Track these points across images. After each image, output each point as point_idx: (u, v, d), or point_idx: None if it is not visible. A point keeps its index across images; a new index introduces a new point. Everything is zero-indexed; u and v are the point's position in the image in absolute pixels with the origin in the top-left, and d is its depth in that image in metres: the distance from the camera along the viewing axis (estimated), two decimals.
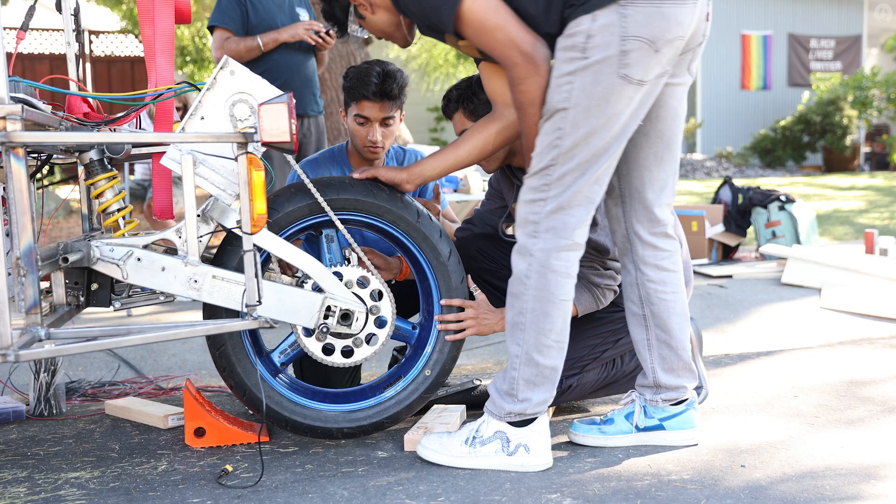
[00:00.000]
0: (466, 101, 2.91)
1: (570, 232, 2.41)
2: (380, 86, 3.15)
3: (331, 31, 4.59)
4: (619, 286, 2.88)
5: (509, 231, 3.20)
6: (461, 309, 2.78)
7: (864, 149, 17.69)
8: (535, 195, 2.42)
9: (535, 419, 2.48)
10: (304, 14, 4.72)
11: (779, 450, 2.57)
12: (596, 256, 2.80)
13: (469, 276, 3.02)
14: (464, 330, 2.79)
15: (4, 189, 2.25)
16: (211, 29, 4.63)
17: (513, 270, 2.47)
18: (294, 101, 2.48)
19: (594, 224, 2.78)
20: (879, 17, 18.37)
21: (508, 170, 3.04)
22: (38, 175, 2.70)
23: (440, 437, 2.54)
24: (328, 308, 2.57)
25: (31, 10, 2.64)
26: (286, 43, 4.55)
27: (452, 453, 2.49)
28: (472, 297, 2.85)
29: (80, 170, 2.74)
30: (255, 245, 2.42)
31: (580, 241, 2.44)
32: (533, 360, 2.45)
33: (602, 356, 2.91)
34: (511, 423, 2.47)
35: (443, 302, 2.76)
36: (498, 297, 3.08)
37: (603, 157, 2.40)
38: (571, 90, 2.34)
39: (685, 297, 2.69)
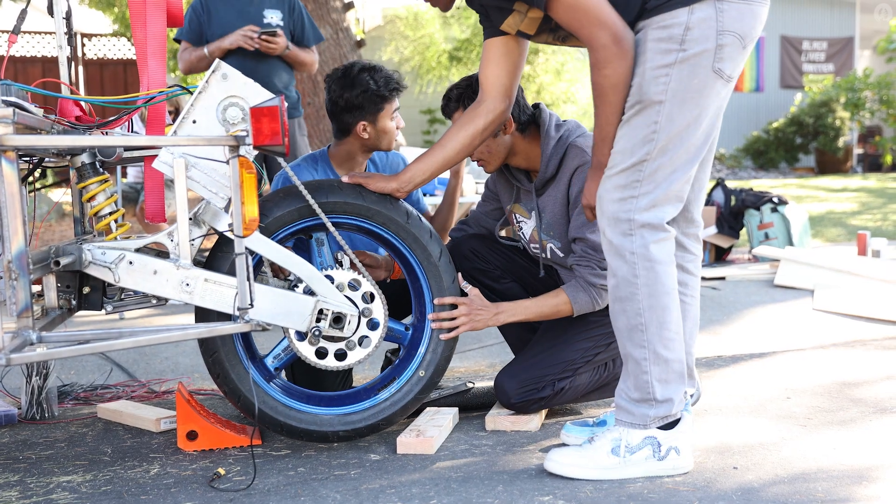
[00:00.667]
0: (467, 99, 2.90)
1: (662, 223, 2.37)
2: (397, 79, 3.23)
3: (265, 35, 4.49)
4: None
5: (503, 233, 3.20)
6: (455, 307, 2.78)
7: (857, 150, 17.73)
8: (625, 193, 2.36)
9: (679, 419, 2.44)
10: (272, 15, 4.66)
11: (771, 451, 2.58)
12: (592, 255, 2.80)
13: (461, 274, 3.03)
14: (458, 327, 2.78)
15: None
16: (178, 41, 4.76)
17: (613, 273, 2.40)
18: None
19: (592, 225, 2.78)
20: (879, 18, 18.39)
21: (507, 170, 3.04)
22: (30, 178, 2.70)
23: (578, 451, 2.42)
24: (320, 311, 2.57)
25: (23, 13, 2.64)
26: (242, 49, 4.54)
27: (601, 465, 2.38)
28: (464, 295, 2.85)
29: (72, 173, 2.73)
30: (246, 248, 2.42)
31: (672, 231, 2.41)
32: (660, 357, 2.38)
33: (594, 359, 2.91)
34: (658, 427, 2.41)
35: (436, 301, 2.76)
36: (490, 297, 3.09)
37: (695, 153, 2.39)
38: (668, 82, 2.32)
39: (699, 305, 2.69)
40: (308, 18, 4.81)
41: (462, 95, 2.92)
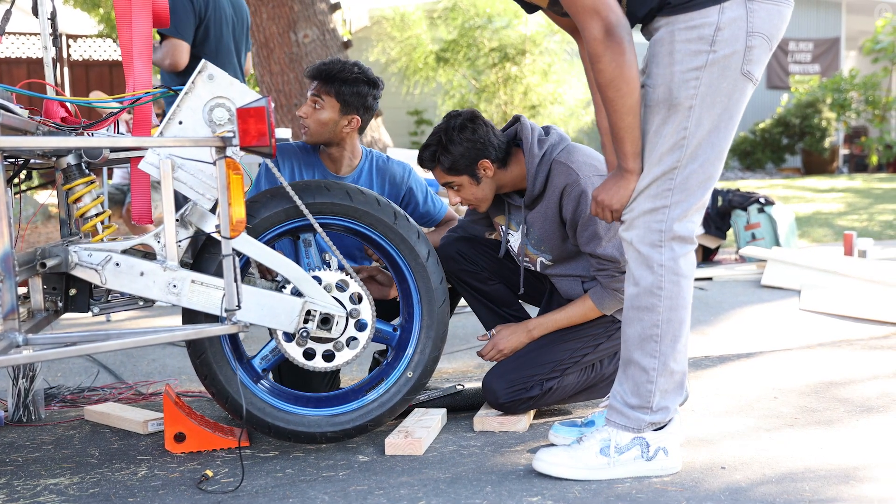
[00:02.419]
0: (441, 157, 2.87)
1: (692, 236, 2.34)
2: (319, 67, 3.21)
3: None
4: None
5: (491, 237, 3.20)
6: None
7: (843, 151, 17.80)
8: (657, 202, 2.31)
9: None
10: None
11: (759, 451, 2.58)
12: (609, 265, 2.79)
13: (458, 289, 3.11)
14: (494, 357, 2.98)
15: None
16: None
17: (636, 282, 2.35)
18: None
19: (599, 238, 2.77)
20: (874, 18, 18.42)
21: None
22: (16, 180, 2.68)
23: (566, 451, 2.41)
24: (308, 312, 2.56)
25: (8, 14, 2.63)
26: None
27: (589, 465, 2.37)
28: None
29: (58, 175, 2.72)
30: (234, 249, 2.41)
31: (696, 243, 2.38)
32: (669, 369, 2.37)
33: (582, 360, 2.91)
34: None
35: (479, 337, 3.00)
36: (478, 299, 3.09)
37: (722, 158, 2.34)
38: (699, 86, 2.25)
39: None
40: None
41: (435, 154, 2.88)
